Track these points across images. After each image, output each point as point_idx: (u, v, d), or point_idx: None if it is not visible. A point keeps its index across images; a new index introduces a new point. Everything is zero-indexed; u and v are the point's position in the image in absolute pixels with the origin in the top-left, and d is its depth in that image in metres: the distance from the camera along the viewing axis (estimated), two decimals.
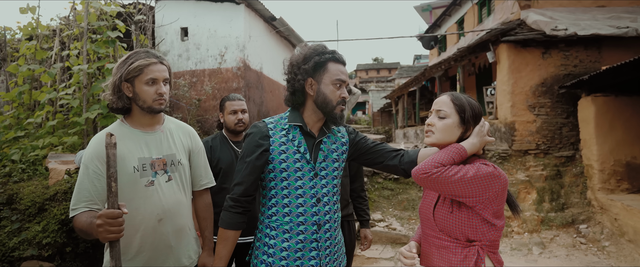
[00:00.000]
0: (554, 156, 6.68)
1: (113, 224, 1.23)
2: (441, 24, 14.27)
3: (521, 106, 6.85)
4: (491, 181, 1.27)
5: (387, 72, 45.06)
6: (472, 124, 1.40)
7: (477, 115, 1.40)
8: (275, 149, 1.50)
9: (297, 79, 1.51)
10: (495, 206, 1.31)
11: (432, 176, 1.27)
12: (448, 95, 1.43)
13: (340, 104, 1.52)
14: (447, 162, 1.29)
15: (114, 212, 1.23)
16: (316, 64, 1.48)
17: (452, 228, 1.34)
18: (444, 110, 1.40)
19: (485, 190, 1.27)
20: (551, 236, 5.57)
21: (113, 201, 1.24)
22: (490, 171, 1.28)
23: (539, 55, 6.89)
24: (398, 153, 1.61)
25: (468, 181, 1.25)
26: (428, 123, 1.44)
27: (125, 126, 1.61)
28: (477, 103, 1.44)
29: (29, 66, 4.75)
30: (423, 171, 1.28)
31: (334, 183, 1.57)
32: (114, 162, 1.25)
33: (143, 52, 1.59)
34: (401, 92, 14.65)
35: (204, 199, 1.82)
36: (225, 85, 6.66)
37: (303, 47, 1.57)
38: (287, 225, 1.49)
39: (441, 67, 9.89)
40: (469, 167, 1.29)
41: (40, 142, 4.32)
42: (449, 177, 1.26)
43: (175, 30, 6.93)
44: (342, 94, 1.52)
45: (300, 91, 1.52)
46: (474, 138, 1.38)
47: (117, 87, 1.57)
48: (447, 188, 1.27)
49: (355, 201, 2.64)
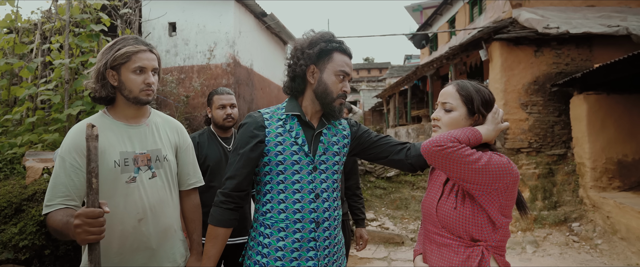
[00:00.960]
0: (546, 154, 6.69)
1: (93, 224, 1.12)
2: (432, 23, 14.29)
3: (514, 104, 6.85)
4: (503, 171, 1.18)
5: (378, 72, 45.17)
6: (483, 113, 1.30)
7: (487, 102, 1.30)
8: (271, 141, 1.40)
9: (299, 64, 1.41)
10: (502, 200, 1.22)
11: (447, 150, 1.16)
12: (453, 85, 1.33)
13: (340, 97, 1.42)
14: (463, 139, 1.19)
15: (94, 211, 1.12)
16: (322, 50, 1.39)
17: (455, 225, 1.25)
18: (449, 102, 1.30)
19: (495, 180, 1.18)
20: (544, 234, 5.55)
21: (93, 198, 1.14)
22: (504, 162, 1.19)
23: (531, 53, 6.90)
24: (404, 146, 1.52)
25: (481, 167, 1.16)
26: (433, 117, 1.34)
27: (107, 118, 1.49)
28: (487, 89, 1.34)
29: (7, 60, 4.54)
30: (437, 143, 1.18)
31: (334, 178, 1.47)
32: (95, 156, 1.14)
33: (132, 39, 1.49)
34: (392, 91, 14.63)
35: (192, 200, 1.71)
36: (215, 82, 6.50)
37: (310, 32, 1.47)
38: (282, 223, 1.39)
39: (433, 66, 9.86)
40: (482, 153, 1.20)
41: (18, 140, 4.12)
42: (464, 155, 1.16)
43: (163, 25, 6.75)
44: (343, 87, 1.42)
45: (301, 77, 1.43)
46: (489, 125, 1.28)
47: (101, 74, 1.46)
48: (458, 168, 1.17)
49: (350, 199, 2.54)
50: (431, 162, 1.24)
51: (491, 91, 1.33)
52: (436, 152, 1.18)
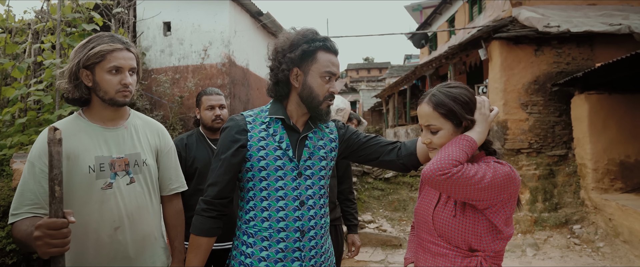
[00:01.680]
0: (546, 155, 6.60)
1: (55, 236, 1.04)
2: (432, 22, 14.22)
3: (513, 104, 6.77)
4: (508, 182, 1.11)
5: (377, 72, 45.11)
6: (470, 118, 1.21)
7: (468, 103, 1.21)
8: (254, 145, 1.32)
9: (281, 69, 1.32)
10: (507, 210, 1.15)
11: (453, 177, 1.07)
12: (427, 102, 1.22)
13: (327, 99, 1.34)
14: (463, 158, 1.10)
15: (56, 222, 1.04)
16: (304, 52, 1.29)
17: (454, 234, 1.18)
18: (432, 124, 1.21)
19: (500, 192, 1.11)
20: (545, 236, 5.47)
21: (56, 208, 1.06)
22: (507, 171, 1.12)
23: (532, 52, 6.82)
24: (394, 146, 1.44)
25: (487, 184, 1.08)
26: (424, 142, 1.25)
27: (82, 120, 1.41)
28: (463, 89, 1.23)
29: None
30: (441, 171, 1.08)
31: (321, 184, 1.39)
32: (58, 162, 1.06)
33: (107, 36, 1.41)
34: (392, 91, 14.55)
35: (174, 205, 1.63)
36: (210, 82, 6.42)
37: (289, 32, 1.37)
38: (266, 231, 1.31)
39: (432, 66, 9.78)
40: (484, 167, 1.12)
41: (8, 141, 4.04)
42: (469, 177, 1.07)
43: (157, 25, 6.67)
44: (330, 88, 1.34)
45: (284, 82, 1.34)
46: (479, 126, 1.19)
47: (74, 74, 1.37)
48: (464, 190, 1.09)
49: (343, 203, 2.46)
50: (435, 188, 1.14)
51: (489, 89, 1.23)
52: (443, 180, 1.09)
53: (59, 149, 1.05)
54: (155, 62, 6.68)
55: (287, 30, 1.39)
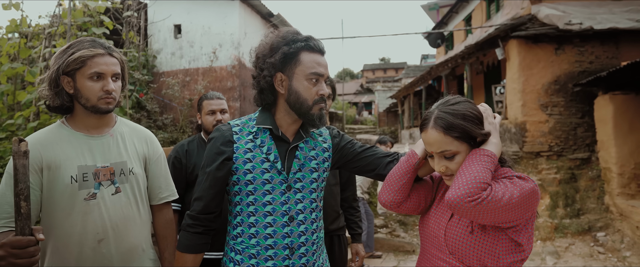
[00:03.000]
0: (568, 158, 6.33)
1: (20, 255, 1.00)
2: (448, 21, 13.94)
3: (532, 105, 6.52)
4: (534, 199, 1.02)
5: (394, 72, 44.74)
6: (482, 132, 1.09)
7: (477, 118, 1.10)
8: (240, 157, 1.24)
9: (263, 76, 1.24)
10: (530, 228, 1.06)
11: (483, 202, 0.96)
12: (435, 127, 1.08)
13: (318, 103, 1.24)
14: (490, 177, 1.00)
15: (20, 240, 0.99)
16: (285, 55, 1.20)
17: (468, 252, 1.06)
18: (447, 149, 1.08)
19: (526, 210, 1.02)
20: (566, 244, 5.21)
21: (22, 224, 1.01)
22: (532, 187, 1.01)
23: (552, 51, 6.54)
24: (392, 158, 1.34)
25: (515, 204, 0.97)
26: (440, 172, 1.12)
27: (65, 128, 1.36)
28: (467, 103, 1.12)
29: (10, 65, 4.54)
30: (471, 196, 0.96)
31: (312, 198, 1.30)
32: (23, 176, 1.01)
33: (88, 41, 1.35)
34: (407, 92, 14.35)
35: (164, 215, 1.56)
36: (220, 85, 6.42)
37: (269, 35, 1.28)
38: (253, 248, 1.24)
39: (448, 66, 9.55)
40: (509, 185, 1.01)
41: None
42: (498, 200, 0.96)
43: (168, 28, 6.71)
44: (319, 90, 1.23)
45: (268, 90, 1.25)
46: (493, 136, 1.09)
47: (54, 81, 1.32)
48: (493, 215, 0.98)
49: (347, 211, 2.36)
50: (461, 215, 1.02)
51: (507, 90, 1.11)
52: (472, 207, 0.97)
53: (24, 162, 1.00)
54: (166, 65, 6.73)
55: (266, 33, 1.31)
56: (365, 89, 35.48)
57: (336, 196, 2.24)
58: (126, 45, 5.27)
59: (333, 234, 2.19)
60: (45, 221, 1.31)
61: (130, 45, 5.37)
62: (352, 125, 21.68)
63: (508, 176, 1.05)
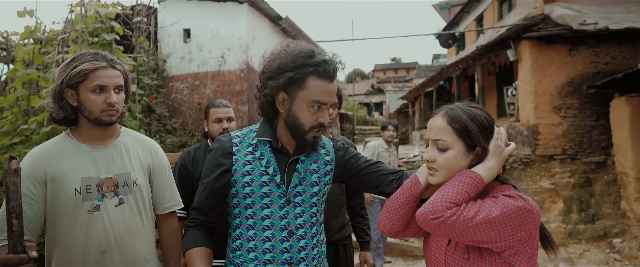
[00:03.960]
0: (582, 162, 6.17)
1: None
2: (459, 21, 13.76)
3: (545, 108, 6.38)
4: (523, 217, 0.96)
5: (405, 72, 44.40)
6: (484, 145, 1.06)
7: (486, 128, 1.07)
8: (239, 170, 1.23)
9: (265, 94, 1.21)
10: (529, 250, 1.00)
11: (446, 222, 0.95)
12: (443, 115, 1.09)
13: (314, 130, 1.21)
14: (461, 199, 0.98)
15: (12, 258, 1.01)
16: (290, 79, 1.16)
17: None
18: (442, 139, 1.07)
19: (515, 230, 0.96)
20: (580, 250, 5.08)
21: (15, 242, 1.03)
22: (520, 205, 0.96)
23: (566, 52, 6.39)
24: (396, 176, 1.30)
25: (493, 222, 0.94)
26: (427, 159, 1.11)
27: (70, 140, 1.38)
28: (483, 112, 1.10)
29: (25, 71, 4.64)
30: (433, 214, 0.96)
31: (312, 212, 1.27)
32: (15, 194, 1.02)
33: (90, 54, 1.36)
34: (418, 93, 14.22)
35: (170, 225, 1.57)
36: (228, 88, 6.45)
37: (282, 52, 1.22)
38: (252, 263, 1.22)
39: (459, 67, 9.43)
40: (490, 202, 0.98)
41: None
42: (467, 220, 0.94)
43: (178, 32, 6.78)
44: (319, 118, 1.20)
45: (269, 107, 1.24)
46: (491, 160, 1.05)
47: (58, 94, 1.34)
48: (467, 234, 0.96)
49: (354, 219, 2.33)
50: (432, 233, 1.03)
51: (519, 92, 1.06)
52: (435, 225, 0.97)
53: (15, 181, 1.01)
54: (175, 69, 6.80)
55: (281, 46, 1.26)
56: (376, 89, 35.29)
57: (341, 206, 2.22)
58: (136, 50, 5.35)
59: (338, 244, 2.17)
60: (50, 232, 1.33)
61: (140, 50, 5.44)
62: (362, 126, 21.58)
63: (495, 195, 1.02)
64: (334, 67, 1.19)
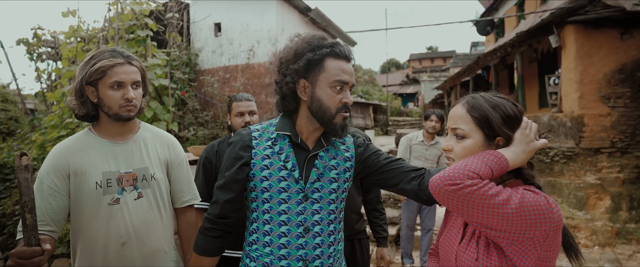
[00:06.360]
0: (634, 156, 5.70)
1: (25, 265, 1.06)
2: (499, 7, 13.07)
3: (592, 97, 5.93)
4: (540, 217, 0.90)
5: (441, 61, 43.02)
6: (507, 134, 1.00)
7: (510, 118, 1.00)
8: (257, 164, 1.23)
9: (286, 82, 1.21)
10: (540, 250, 0.93)
11: (464, 190, 0.89)
12: (463, 104, 1.05)
13: (341, 111, 1.20)
14: (485, 172, 0.91)
15: (25, 251, 1.05)
16: (309, 61, 1.17)
17: None
18: (460, 127, 1.03)
19: (529, 228, 0.90)
20: (630, 251, 4.72)
21: (29, 235, 1.07)
22: (542, 202, 0.90)
23: (617, 36, 5.88)
24: (417, 174, 1.25)
25: (510, 212, 0.89)
26: (444, 148, 1.07)
27: (91, 135, 1.44)
28: (510, 101, 1.04)
29: (69, 67, 4.93)
30: (451, 181, 0.91)
31: (330, 209, 1.25)
32: (27, 190, 1.06)
33: (108, 52, 1.41)
34: (453, 83, 13.72)
35: (187, 218, 1.62)
36: (258, 81, 6.53)
37: (294, 39, 1.25)
38: (267, 257, 1.22)
39: (497, 55, 8.96)
40: (511, 191, 0.92)
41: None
42: (487, 197, 0.89)
43: (209, 26, 6.93)
44: (343, 98, 1.20)
45: (291, 96, 1.23)
46: (518, 146, 0.99)
47: (79, 91, 1.40)
48: (479, 212, 0.91)
49: (370, 214, 2.29)
50: (443, 203, 0.96)
51: (562, 81, 0.98)
52: (450, 192, 0.91)
53: (26, 176, 1.05)
54: (207, 63, 6.97)
55: (291, 37, 1.27)
56: (411, 79, 34.44)
57: (355, 198, 2.18)
58: (169, 45, 5.52)
59: (354, 238, 2.14)
60: (74, 223, 1.40)
61: (173, 44, 5.61)
62: (397, 118, 21.19)
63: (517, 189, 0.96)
64: (348, 48, 1.22)
